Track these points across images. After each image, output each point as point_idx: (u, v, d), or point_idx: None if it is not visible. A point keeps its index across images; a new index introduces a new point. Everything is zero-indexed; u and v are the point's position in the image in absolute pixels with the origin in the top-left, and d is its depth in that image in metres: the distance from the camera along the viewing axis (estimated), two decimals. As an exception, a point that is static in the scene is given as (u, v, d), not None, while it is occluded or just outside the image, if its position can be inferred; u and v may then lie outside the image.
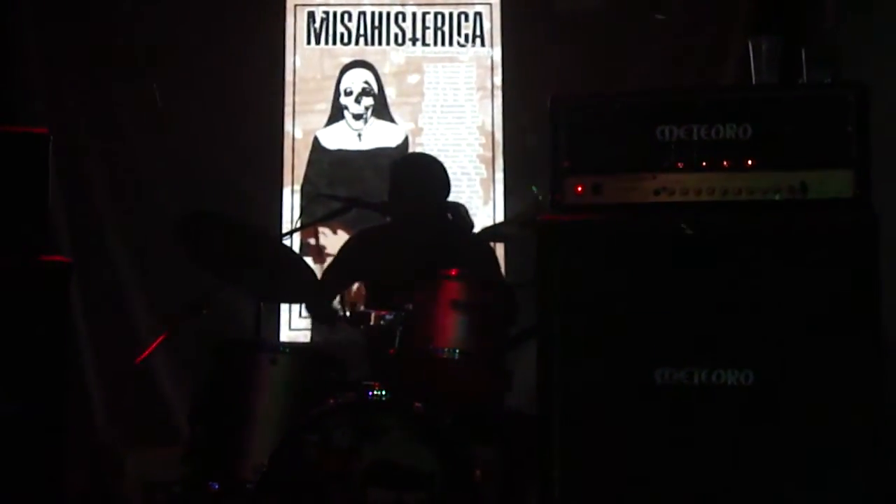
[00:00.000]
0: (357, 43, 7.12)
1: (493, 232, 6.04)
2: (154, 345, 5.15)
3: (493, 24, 7.07)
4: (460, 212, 5.71)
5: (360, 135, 7.07)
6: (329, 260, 5.87)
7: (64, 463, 4.10)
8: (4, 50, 6.76)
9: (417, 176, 5.45)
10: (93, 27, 6.92)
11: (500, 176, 6.98)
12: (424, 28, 7.09)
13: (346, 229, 6.79)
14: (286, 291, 5.43)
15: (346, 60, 7.14)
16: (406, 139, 7.05)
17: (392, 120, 7.07)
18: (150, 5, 6.96)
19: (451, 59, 7.10)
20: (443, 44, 7.09)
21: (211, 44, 6.91)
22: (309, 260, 6.72)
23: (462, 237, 5.52)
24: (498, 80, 7.04)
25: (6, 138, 4.17)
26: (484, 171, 7.00)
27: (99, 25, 6.93)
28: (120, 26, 6.94)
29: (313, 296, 5.35)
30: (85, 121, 6.87)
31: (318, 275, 5.68)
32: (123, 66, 6.91)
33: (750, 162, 3.65)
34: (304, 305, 5.62)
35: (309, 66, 7.12)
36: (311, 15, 7.13)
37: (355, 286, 5.58)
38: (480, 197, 6.96)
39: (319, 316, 5.74)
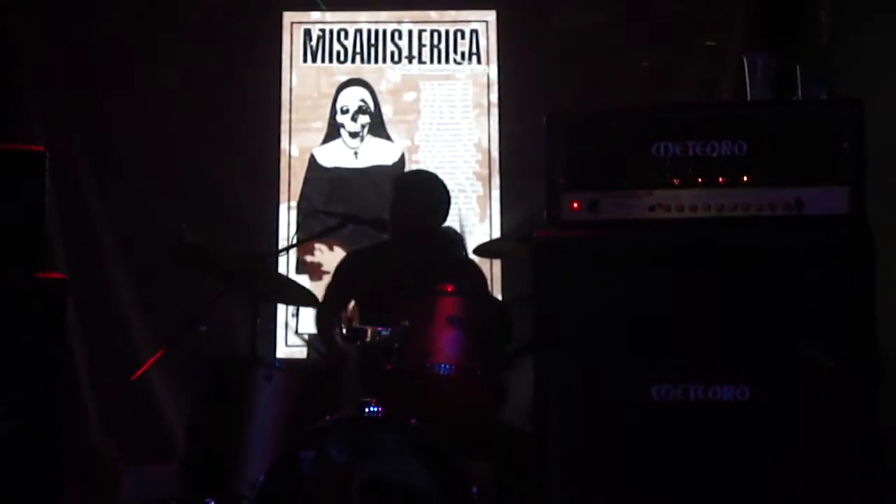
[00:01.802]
0: (353, 61, 7.13)
1: (488, 248, 6.04)
2: (150, 362, 5.14)
3: (489, 42, 7.09)
4: (450, 234, 5.72)
5: (356, 153, 7.08)
6: (328, 280, 5.85)
7: (60, 479, 4.09)
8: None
9: (419, 193, 5.45)
10: (89, 45, 6.93)
11: (496, 193, 6.98)
12: (421, 46, 7.11)
13: (342, 246, 6.79)
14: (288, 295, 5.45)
15: (343, 78, 7.15)
16: (402, 157, 7.05)
17: (388, 138, 7.08)
18: (147, 24, 6.97)
19: (448, 77, 7.11)
20: (439, 61, 7.10)
21: (208, 62, 6.93)
22: (305, 277, 6.73)
23: (454, 255, 5.52)
24: (494, 97, 7.05)
25: (2, 156, 4.18)
26: (480, 188, 7.00)
27: (95, 43, 6.94)
28: (117, 44, 6.95)
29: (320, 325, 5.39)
30: (81, 138, 6.88)
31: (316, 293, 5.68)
32: (120, 83, 6.92)
33: (745, 178, 3.66)
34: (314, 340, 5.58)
35: (305, 84, 7.13)
36: (307, 33, 7.14)
37: (352, 303, 5.59)
38: (477, 214, 6.97)
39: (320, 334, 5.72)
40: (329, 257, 6.86)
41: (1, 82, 6.73)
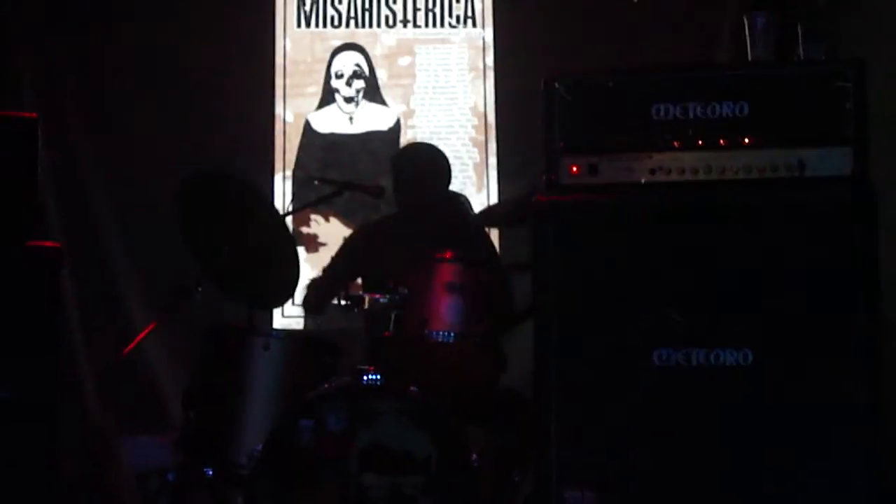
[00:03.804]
0: (348, 25, 7.08)
1: (488, 215, 6.01)
2: (145, 331, 5.10)
3: (484, 5, 7.03)
4: (461, 201, 5.70)
5: (351, 118, 7.04)
6: (332, 255, 5.77)
7: (56, 450, 4.07)
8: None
9: (420, 168, 5.43)
10: (82, 10, 6.87)
11: (493, 161, 6.94)
12: (415, 9, 7.05)
13: (338, 217, 6.77)
14: (272, 289, 5.35)
15: (337, 43, 7.09)
16: (398, 122, 7.01)
17: (384, 102, 7.03)
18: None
19: (443, 41, 7.06)
20: (434, 25, 7.05)
21: (201, 27, 6.86)
22: (301, 250, 6.69)
23: (464, 226, 5.50)
24: (490, 60, 7.00)
25: (-6, 122, 4.14)
26: (477, 155, 6.96)
27: (89, 8, 6.88)
28: (109, 9, 6.89)
29: (312, 292, 5.31)
30: (75, 105, 6.83)
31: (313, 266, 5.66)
32: (113, 49, 6.87)
33: (747, 140, 3.62)
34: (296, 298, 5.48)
35: (299, 49, 7.07)
36: (301, -3, 7.09)
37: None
38: (474, 183, 6.92)
39: (310, 307, 5.64)
40: (325, 229, 6.83)
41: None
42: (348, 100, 7.04)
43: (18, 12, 6.82)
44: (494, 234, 6.52)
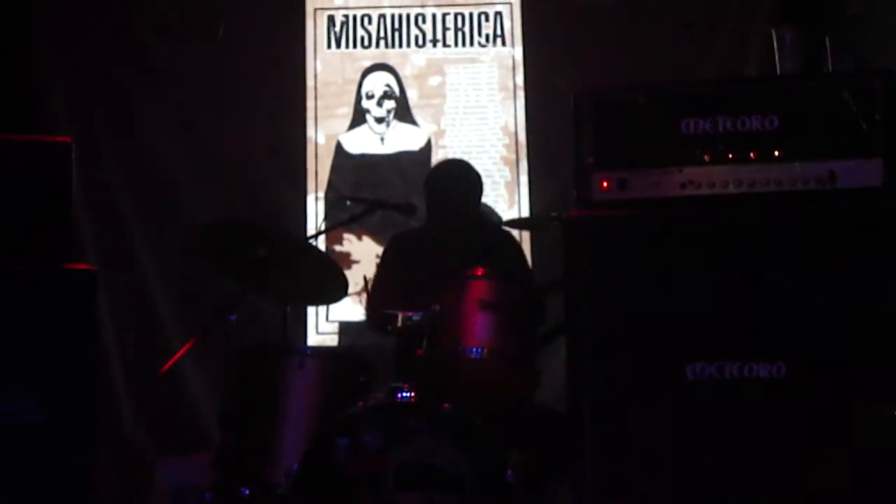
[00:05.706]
0: (378, 46, 7.11)
1: (519, 222, 6.02)
2: (181, 352, 5.14)
3: (513, 24, 7.05)
4: (487, 214, 5.70)
5: (382, 138, 7.06)
6: (375, 272, 5.79)
7: (93, 471, 4.09)
8: (23, 56, 6.78)
9: (451, 185, 5.44)
10: (113, 32, 6.93)
11: (524, 179, 6.95)
12: (445, 29, 7.08)
13: (370, 235, 6.78)
14: (315, 293, 5.40)
15: (367, 64, 7.12)
16: (429, 142, 7.03)
17: (414, 122, 7.06)
18: (171, 14, 6.97)
19: (473, 60, 7.08)
20: (464, 44, 7.07)
21: (232, 50, 6.91)
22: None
23: (494, 238, 5.50)
24: (520, 79, 7.01)
25: (30, 147, 4.17)
26: (508, 173, 6.97)
27: (119, 30, 6.94)
28: (141, 31, 6.95)
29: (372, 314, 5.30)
30: (108, 128, 6.88)
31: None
32: (146, 71, 6.92)
33: (777, 153, 3.62)
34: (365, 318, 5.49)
35: (330, 71, 7.11)
36: (331, 19, 7.12)
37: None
38: (506, 201, 6.94)
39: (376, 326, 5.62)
40: (358, 247, 6.85)
41: (23, 71, 6.74)
42: (379, 120, 7.07)
43: (52, 39, 6.88)
44: (527, 251, 6.55)
